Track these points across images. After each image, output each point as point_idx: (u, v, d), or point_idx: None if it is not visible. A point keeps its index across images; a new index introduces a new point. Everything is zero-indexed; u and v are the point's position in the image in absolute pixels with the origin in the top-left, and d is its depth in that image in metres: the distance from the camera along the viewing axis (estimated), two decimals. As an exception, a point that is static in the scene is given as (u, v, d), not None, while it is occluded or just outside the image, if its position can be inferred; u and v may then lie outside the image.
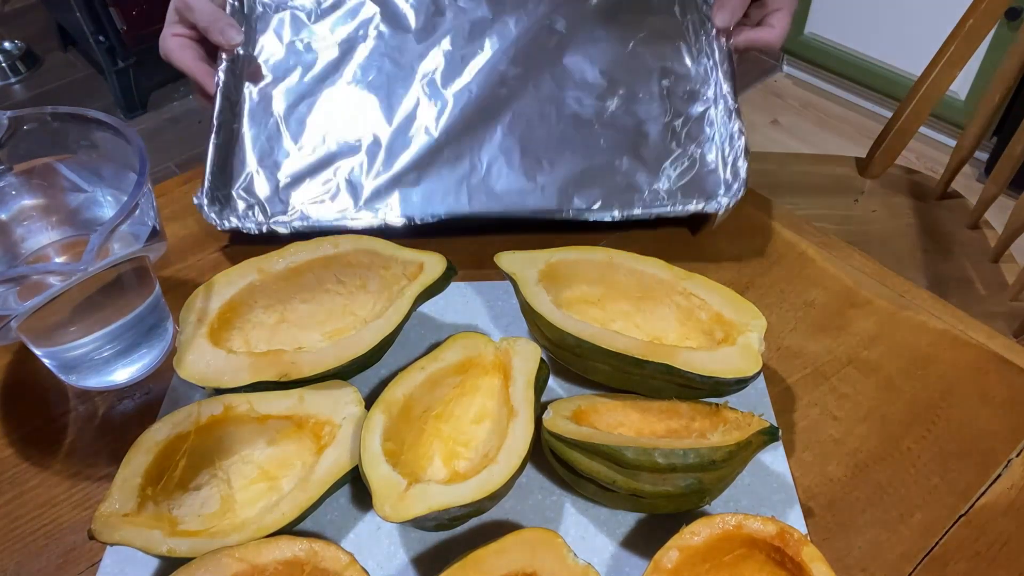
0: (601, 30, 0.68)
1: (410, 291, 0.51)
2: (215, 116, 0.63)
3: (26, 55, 2.33)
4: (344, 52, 0.68)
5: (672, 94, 0.65)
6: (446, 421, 0.49)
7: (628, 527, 0.46)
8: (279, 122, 0.65)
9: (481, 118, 0.64)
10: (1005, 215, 1.01)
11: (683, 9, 0.68)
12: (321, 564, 0.40)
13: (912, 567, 0.45)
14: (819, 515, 0.47)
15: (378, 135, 0.65)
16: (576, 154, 0.63)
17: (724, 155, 0.61)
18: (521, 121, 0.64)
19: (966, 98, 1.82)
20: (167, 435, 0.45)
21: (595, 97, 0.65)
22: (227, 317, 0.51)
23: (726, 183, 0.60)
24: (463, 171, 0.62)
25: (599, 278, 0.54)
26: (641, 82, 0.65)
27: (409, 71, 0.67)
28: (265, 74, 0.67)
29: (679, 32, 0.67)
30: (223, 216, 0.60)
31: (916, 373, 0.55)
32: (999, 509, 0.48)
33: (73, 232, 0.51)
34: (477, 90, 0.66)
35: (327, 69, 0.67)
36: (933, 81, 1.03)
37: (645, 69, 0.66)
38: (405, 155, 0.63)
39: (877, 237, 1.05)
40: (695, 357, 0.47)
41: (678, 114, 0.64)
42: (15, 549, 0.46)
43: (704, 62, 0.66)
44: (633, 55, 0.67)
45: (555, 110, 0.65)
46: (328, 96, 0.66)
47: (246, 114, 0.65)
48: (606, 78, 0.66)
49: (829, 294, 0.60)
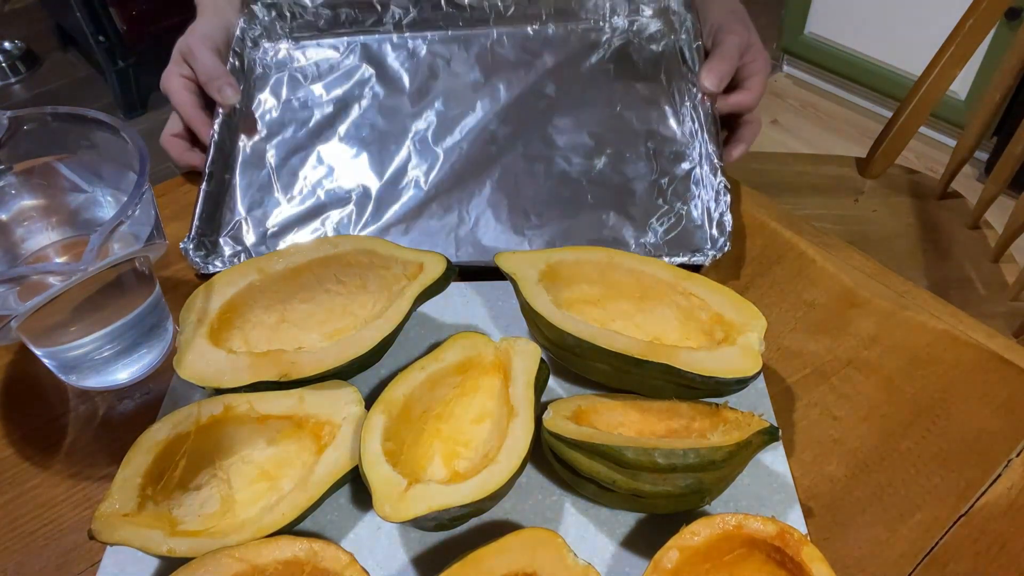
0: (590, 95, 0.70)
1: (410, 291, 0.51)
2: (207, 165, 0.64)
3: (26, 55, 2.33)
4: (339, 110, 0.70)
5: (659, 154, 0.67)
6: (446, 421, 0.49)
7: (628, 527, 0.46)
8: (271, 173, 0.66)
9: (471, 173, 0.66)
10: (1005, 215, 1.01)
11: (668, 77, 0.71)
12: (321, 564, 0.40)
13: (912, 567, 0.45)
14: (819, 515, 0.47)
15: (368, 187, 0.66)
16: (564, 209, 0.64)
17: (711, 211, 0.62)
18: (510, 177, 0.65)
19: (966, 98, 1.82)
20: (167, 435, 0.45)
21: (583, 156, 0.67)
22: (227, 317, 0.51)
23: (712, 238, 0.61)
24: (451, 223, 0.63)
25: (599, 278, 0.54)
26: (628, 143, 0.67)
27: (401, 129, 0.69)
28: (260, 128, 0.69)
29: (665, 98, 0.70)
30: (208, 261, 0.60)
31: (916, 373, 0.55)
32: (999, 509, 0.48)
33: (73, 232, 0.51)
34: (468, 147, 0.67)
35: (321, 125, 0.69)
36: (933, 81, 1.03)
37: (632, 131, 0.68)
38: (394, 207, 0.64)
39: (877, 237, 1.05)
40: (695, 357, 0.47)
41: (664, 173, 0.65)
42: (15, 549, 0.47)
43: (689, 124, 0.68)
44: (620, 118, 0.69)
45: (543, 168, 0.66)
46: (321, 150, 0.68)
47: (238, 165, 0.67)
48: (594, 139, 0.68)
49: (829, 294, 0.60)
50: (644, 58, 0.72)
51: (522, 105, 0.70)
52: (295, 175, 0.66)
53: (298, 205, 0.65)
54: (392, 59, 0.73)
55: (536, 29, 0.74)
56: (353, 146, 0.68)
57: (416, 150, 0.68)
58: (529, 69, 0.71)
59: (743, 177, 0.71)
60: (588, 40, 0.73)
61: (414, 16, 0.74)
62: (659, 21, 0.75)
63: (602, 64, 0.72)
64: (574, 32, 0.73)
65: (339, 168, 0.67)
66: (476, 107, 0.70)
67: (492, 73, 0.71)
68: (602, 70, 0.71)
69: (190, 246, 0.60)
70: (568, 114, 0.69)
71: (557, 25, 0.74)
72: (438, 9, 0.74)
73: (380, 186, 0.65)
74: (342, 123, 0.70)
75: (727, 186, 0.61)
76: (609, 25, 0.74)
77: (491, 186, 0.65)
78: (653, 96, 0.70)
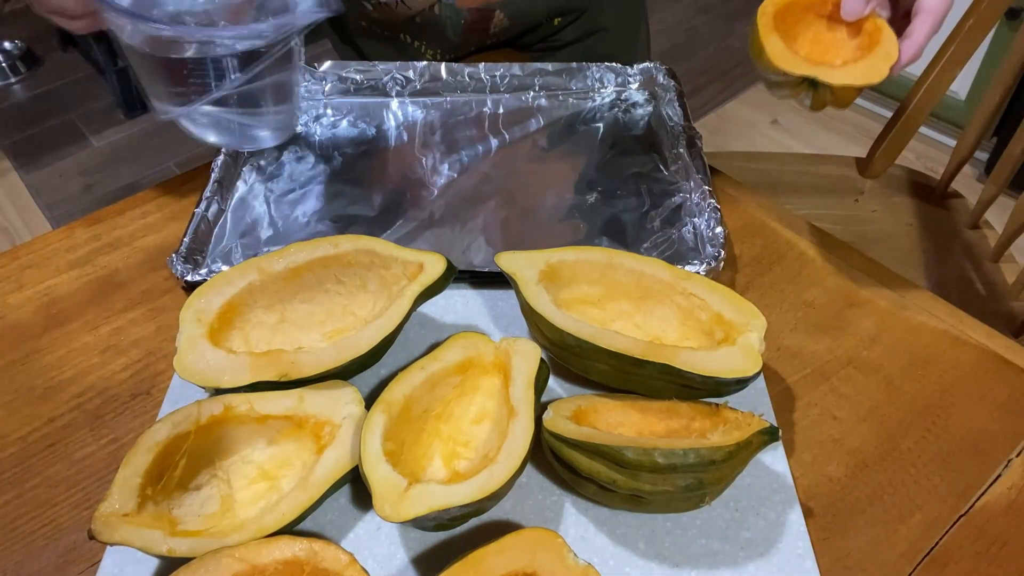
0: (581, 147, 0.73)
1: (410, 291, 0.51)
2: (205, 191, 0.65)
3: (26, 55, 2.33)
4: (337, 155, 0.72)
5: (650, 192, 0.68)
6: (446, 421, 0.49)
7: (628, 527, 0.46)
8: (267, 206, 0.67)
9: (465, 205, 0.67)
10: (1005, 215, 1.01)
11: (655, 130, 0.75)
12: (321, 564, 0.40)
13: (912, 567, 0.45)
14: (819, 515, 0.47)
15: (361, 216, 0.66)
16: (556, 237, 0.64)
17: (704, 236, 0.62)
18: (502, 210, 0.67)
19: (966, 98, 1.82)
20: (167, 435, 0.45)
21: (574, 192, 0.68)
22: (227, 317, 0.51)
23: (707, 253, 0.61)
24: (444, 248, 0.63)
25: (599, 278, 0.54)
26: (619, 183, 0.69)
27: (395, 169, 0.71)
28: (263, 166, 0.70)
29: (653, 147, 0.73)
30: (193, 273, 0.59)
31: (916, 373, 0.55)
32: (999, 509, 0.48)
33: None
34: (463, 183, 0.69)
35: (320, 168, 0.71)
36: (933, 81, 1.03)
37: (622, 174, 0.70)
38: (391, 233, 0.65)
39: (877, 237, 1.05)
40: (695, 357, 0.47)
41: (655, 205, 0.67)
42: (15, 549, 0.47)
43: (679, 164, 0.70)
44: (611, 163, 0.71)
45: (536, 203, 0.68)
46: (318, 188, 0.69)
47: (236, 197, 0.67)
48: (585, 180, 0.70)
49: (829, 294, 0.60)
50: (632, 118, 0.76)
51: (516, 152, 0.73)
52: (292, 208, 0.67)
53: (291, 233, 0.65)
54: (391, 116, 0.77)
55: (530, 96, 0.78)
56: (349, 184, 0.69)
57: (411, 185, 0.69)
58: (523, 127, 0.75)
59: (743, 177, 0.71)
60: (579, 107, 0.77)
61: (415, 87, 0.78)
62: (645, 92, 0.79)
63: (592, 124, 0.76)
64: (565, 102, 0.78)
65: (336, 200, 0.67)
66: (472, 151, 0.72)
67: (487, 129, 0.75)
68: (592, 128, 0.75)
69: (178, 261, 0.59)
70: (560, 160, 0.72)
71: (549, 96, 0.78)
72: (437, 80, 0.78)
73: (374, 215, 0.66)
74: (338, 163, 0.71)
75: (717, 207, 0.62)
76: (599, 95, 0.78)
77: (484, 216, 0.66)
78: (642, 147, 0.73)
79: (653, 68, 0.78)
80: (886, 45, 0.54)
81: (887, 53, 0.53)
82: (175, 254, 0.59)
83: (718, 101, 2.19)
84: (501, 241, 0.64)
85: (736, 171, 0.99)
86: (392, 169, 0.71)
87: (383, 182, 0.70)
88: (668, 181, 0.69)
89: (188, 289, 0.60)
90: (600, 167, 0.71)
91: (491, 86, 0.78)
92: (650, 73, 0.78)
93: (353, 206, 0.67)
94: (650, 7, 0.99)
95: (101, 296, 0.61)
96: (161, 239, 0.65)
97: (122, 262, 0.63)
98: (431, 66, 0.77)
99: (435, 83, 0.78)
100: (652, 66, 0.78)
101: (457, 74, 0.77)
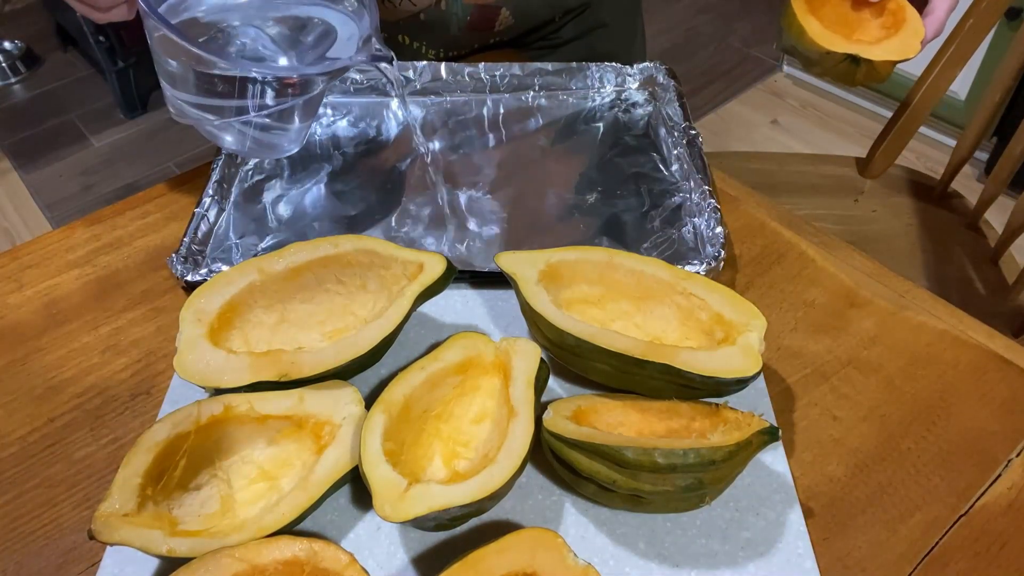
0: (581, 146, 0.73)
1: (410, 291, 0.51)
2: (205, 191, 0.65)
3: (26, 55, 2.33)
4: (337, 153, 0.72)
5: (650, 192, 0.68)
6: (446, 421, 0.49)
7: (628, 527, 0.46)
8: (267, 206, 0.67)
9: (465, 205, 0.67)
10: (1005, 215, 1.01)
11: (655, 131, 0.74)
12: (321, 564, 0.40)
13: (912, 567, 0.45)
14: (819, 515, 0.47)
15: (365, 215, 0.66)
16: (555, 237, 0.64)
17: (704, 236, 0.62)
18: (502, 210, 0.67)
19: (966, 98, 1.82)
20: (167, 435, 0.45)
21: (574, 192, 0.68)
22: (227, 317, 0.51)
23: (707, 253, 0.60)
24: (447, 244, 0.64)
25: (599, 278, 0.54)
26: (618, 183, 0.69)
27: (393, 167, 0.71)
28: (263, 166, 0.70)
29: (653, 148, 0.73)
30: (193, 273, 0.59)
31: (916, 373, 0.55)
32: (999, 509, 0.48)
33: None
34: (463, 183, 0.69)
35: (320, 168, 0.71)
36: (933, 81, 1.03)
37: (622, 174, 0.70)
38: (390, 233, 0.65)
39: (877, 237, 1.05)
40: (695, 357, 0.47)
41: (655, 206, 0.67)
42: (15, 549, 0.47)
43: (677, 166, 0.70)
44: (611, 163, 0.71)
45: (536, 203, 0.67)
46: (318, 188, 0.69)
47: (236, 196, 0.67)
48: (585, 179, 0.70)
49: (829, 294, 0.60)
50: (632, 118, 0.76)
51: (516, 152, 0.73)
52: (291, 208, 0.67)
53: (292, 234, 0.65)
54: (391, 116, 0.77)
55: (530, 96, 0.78)
56: (348, 184, 0.69)
57: (411, 185, 0.69)
58: (523, 126, 0.75)
59: (743, 177, 0.71)
60: (579, 107, 0.77)
61: (415, 87, 0.78)
62: (644, 92, 0.79)
63: (592, 123, 0.76)
64: (565, 102, 0.78)
65: (337, 200, 0.67)
66: (471, 150, 0.72)
67: (487, 129, 0.75)
68: (592, 128, 0.75)
69: (178, 261, 0.59)
70: (560, 160, 0.72)
71: (549, 95, 0.78)
72: (437, 80, 0.78)
73: (374, 215, 0.66)
74: (338, 163, 0.71)
75: (717, 207, 0.62)
76: (599, 95, 0.79)
77: (484, 217, 0.66)
78: (642, 147, 0.73)
79: (653, 68, 0.78)
80: (912, 22, 0.60)
81: (915, 29, 0.59)
82: (175, 254, 0.59)
83: (718, 101, 2.19)
84: (501, 241, 0.64)
85: (736, 171, 1.00)
86: (392, 169, 0.71)
87: (383, 182, 0.70)
88: (668, 181, 0.69)
89: (188, 289, 0.60)
90: (600, 167, 0.71)
91: (491, 86, 0.78)
92: (650, 73, 0.79)
93: (353, 206, 0.67)
94: (650, 7, 0.99)
95: (101, 296, 0.61)
96: (161, 239, 0.65)
97: (122, 262, 0.63)
98: (431, 66, 0.77)
99: (435, 83, 0.78)
100: (652, 66, 0.78)
101: (457, 74, 0.77)
